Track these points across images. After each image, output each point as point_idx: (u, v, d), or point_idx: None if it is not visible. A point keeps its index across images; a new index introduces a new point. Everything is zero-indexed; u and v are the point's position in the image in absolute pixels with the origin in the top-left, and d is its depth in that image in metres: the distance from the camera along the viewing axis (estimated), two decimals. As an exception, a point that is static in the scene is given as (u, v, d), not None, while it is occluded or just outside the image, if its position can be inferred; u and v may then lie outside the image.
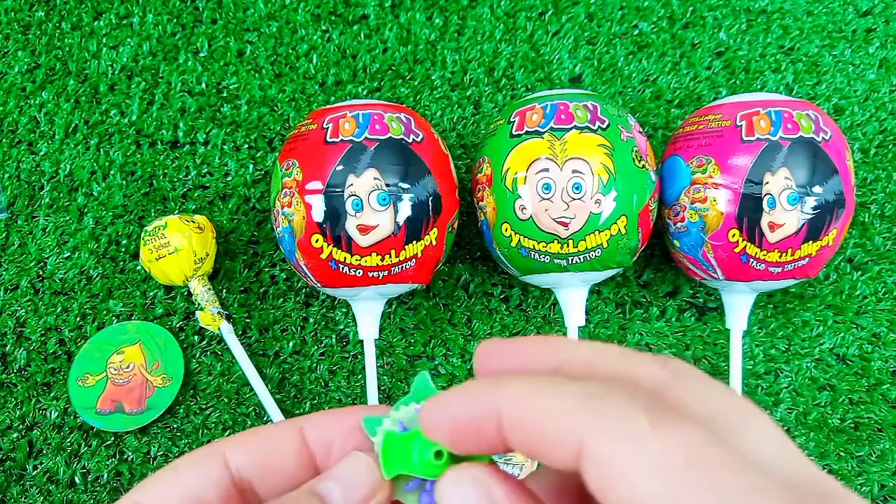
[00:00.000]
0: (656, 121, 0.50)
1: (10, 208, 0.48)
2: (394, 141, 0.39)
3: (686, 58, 0.51)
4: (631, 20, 0.52)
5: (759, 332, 0.46)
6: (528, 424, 0.13)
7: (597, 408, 0.13)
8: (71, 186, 0.49)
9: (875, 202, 0.48)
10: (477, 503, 0.14)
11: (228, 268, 0.47)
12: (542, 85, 0.51)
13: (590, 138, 0.38)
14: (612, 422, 0.12)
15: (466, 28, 0.52)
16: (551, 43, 0.52)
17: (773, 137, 0.38)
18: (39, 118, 0.50)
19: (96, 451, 0.43)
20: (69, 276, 0.47)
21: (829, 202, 0.38)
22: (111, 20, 0.52)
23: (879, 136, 0.50)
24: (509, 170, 0.39)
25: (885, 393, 0.44)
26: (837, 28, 0.52)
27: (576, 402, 0.13)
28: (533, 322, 0.47)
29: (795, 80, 0.51)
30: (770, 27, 0.52)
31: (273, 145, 0.50)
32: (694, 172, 0.40)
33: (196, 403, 0.44)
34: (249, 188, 0.49)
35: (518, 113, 0.40)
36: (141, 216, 0.48)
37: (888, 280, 0.47)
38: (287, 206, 0.39)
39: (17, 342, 0.45)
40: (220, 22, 0.52)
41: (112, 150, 0.49)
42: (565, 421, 0.13)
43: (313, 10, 0.53)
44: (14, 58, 0.52)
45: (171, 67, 0.51)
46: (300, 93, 0.51)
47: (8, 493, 0.42)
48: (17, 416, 0.44)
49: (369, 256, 0.38)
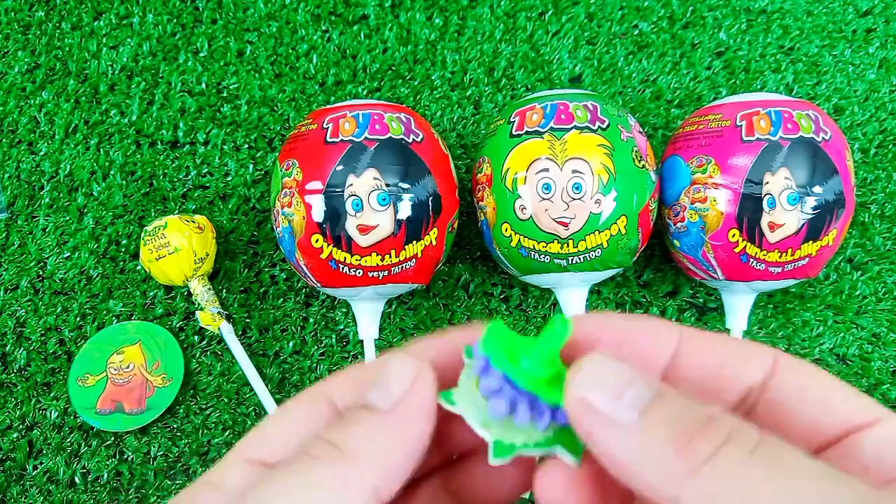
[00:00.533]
0: (656, 121, 0.50)
1: (10, 208, 0.48)
2: (394, 141, 0.39)
3: (686, 58, 0.51)
4: (631, 20, 0.52)
5: (759, 333, 0.46)
6: (714, 351, 0.15)
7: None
8: (71, 186, 0.49)
9: (875, 202, 0.48)
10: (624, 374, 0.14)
11: (228, 268, 0.47)
12: (542, 85, 0.51)
13: (590, 138, 0.38)
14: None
15: (466, 28, 0.52)
16: (551, 43, 0.52)
17: (773, 137, 0.38)
18: (39, 118, 0.50)
19: (96, 451, 0.43)
20: (69, 276, 0.47)
21: (829, 202, 0.38)
22: (111, 20, 0.52)
23: (879, 136, 0.50)
24: (509, 170, 0.39)
25: (886, 393, 0.44)
26: (837, 28, 0.52)
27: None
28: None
29: (795, 80, 0.51)
30: (770, 27, 0.52)
31: (273, 145, 0.50)
32: (694, 172, 0.40)
33: (196, 403, 0.44)
34: (249, 188, 0.49)
35: (518, 113, 0.40)
36: (141, 216, 0.48)
37: (888, 280, 0.46)
38: (287, 206, 0.39)
39: (17, 342, 0.45)
40: (220, 22, 0.52)
41: (112, 150, 0.49)
42: (755, 350, 0.15)
43: (313, 10, 0.53)
44: (14, 58, 0.52)
45: (171, 67, 0.51)
46: (300, 93, 0.51)
47: (8, 493, 0.42)
48: (17, 416, 0.44)
49: (369, 256, 0.38)
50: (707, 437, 0.12)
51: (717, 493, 0.12)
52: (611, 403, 0.14)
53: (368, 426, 0.15)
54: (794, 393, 0.15)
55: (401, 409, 0.15)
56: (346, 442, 0.14)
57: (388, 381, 0.15)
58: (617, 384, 0.14)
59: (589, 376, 0.14)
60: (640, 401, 0.14)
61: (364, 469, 0.14)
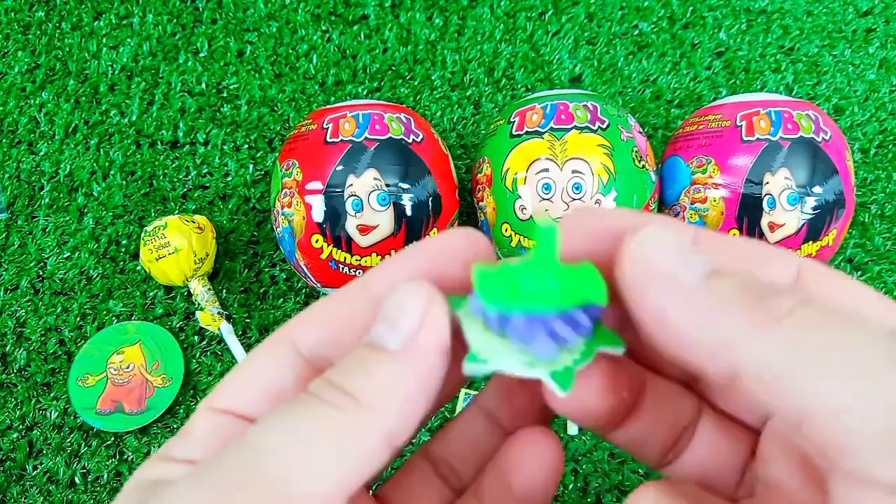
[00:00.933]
0: (656, 121, 0.50)
1: (10, 208, 0.48)
2: (394, 141, 0.39)
3: (686, 58, 0.51)
4: (631, 20, 0.52)
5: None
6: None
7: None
8: (71, 186, 0.49)
9: (875, 202, 0.48)
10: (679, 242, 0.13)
11: (228, 268, 0.47)
12: (542, 85, 0.51)
13: (590, 138, 0.38)
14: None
15: (466, 28, 0.52)
16: (551, 43, 0.52)
17: (773, 137, 0.38)
18: (39, 118, 0.50)
19: (96, 451, 0.43)
20: (69, 276, 0.47)
21: (829, 202, 0.38)
22: (111, 20, 0.52)
23: (879, 136, 0.50)
24: (509, 170, 0.39)
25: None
26: (837, 28, 0.52)
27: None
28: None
29: (795, 80, 0.51)
30: (770, 27, 0.52)
31: (273, 145, 0.50)
32: (694, 172, 0.40)
33: (196, 403, 0.44)
34: (249, 188, 0.49)
35: (518, 113, 0.40)
36: (141, 216, 0.48)
37: (888, 280, 0.46)
38: (287, 206, 0.39)
39: (17, 342, 0.45)
40: (220, 22, 0.52)
41: (112, 150, 0.49)
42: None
43: (313, 10, 0.53)
44: (14, 58, 0.52)
45: (171, 67, 0.51)
46: (300, 93, 0.51)
47: (8, 493, 0.42)
48: (17, 416, 0.44)
49: (369, 256, 0.38)
50: (782, 298, 0.12)
51: (791, 349, 0.11)
52: (676, 261, 0.13)
53: (380, 370, 0.13)
54: (821, 298, 0.13)
55: (414, 348, 0.14)
56: (358, 389, 0.13)
57: (397, 316, 0.14)
58: (681, 248, 0.13)
59: (651, 238, 0.13)
60: (704, 265, 0.13)
61: (379, 417, 0.13)
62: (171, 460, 0.14)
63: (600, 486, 0.42)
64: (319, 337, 0.15)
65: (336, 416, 0.13)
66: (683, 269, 0.13)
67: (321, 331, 0.15)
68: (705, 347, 0.12)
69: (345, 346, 0.15)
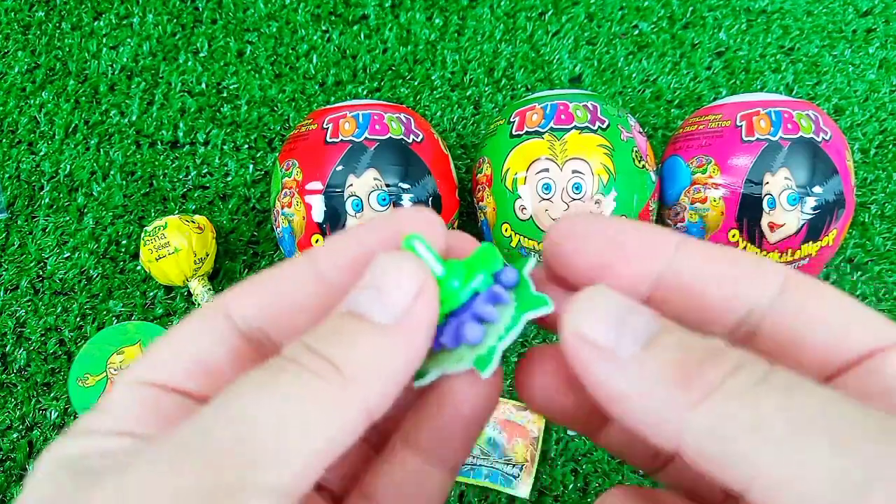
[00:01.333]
0: (656, 121, 0.50)
1: (10, 208, 0.48)
2: (394, 141, 0.39)
3: (686, 58, 0.51)
4: (631, 20, 0.52)
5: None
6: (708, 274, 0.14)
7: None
8: (71, 186, 0.49)
9: (875, 202, 0.48)
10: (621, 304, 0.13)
11: (228, 268, 0.47)
12: (542, 85, 0.51)
13: (590, 138, 0.38)
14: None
15: (466, 28, 0.52)
16: (551, 43, 0.52)
17: (773, 137, 0.38)
18: (39, 118, 0.50)
19: (96, 452, 0.43)
20: (69, 276, 0.47)
21: (829, 202, 0.38)
22: (111, 20, 0.52)
23: (879, 136, 0.50)
24: (509, 170, 0.39)
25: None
26: (837, 28, 0.52)
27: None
28: (531, 323, 0.47)
29: (795, 81, 0.51)
30: (770, 27, 0.52)
31: (273, 145, 0.50)
32: (694, 172, 0.40)
33: (196, 403, 0.44)
34: (249, 188, 0.49)
35: (518, 113, 0.40)
36: (141, 216, 0.48)
37: (888, 280, 0.46)
38: (287, 206, 0.39)
39: (17, 342, 0.45)
40: (220, 22, 0.52)
41: (112, 150, 0.49)
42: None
43: (313, 10, 0.53)
44: (14, 58, 0.52)
45: (171, 67, 0.51)
46: (300, 93, 0.51)
47: (8, 494, 0.42)
48: (17, 416, 0.44)
49: (369, 256, 0.38)
50: (714, 368, 0.12)
51: (723, 423, 0.11)
52: (610, 336, 0.13)
53: (365, 342, 0.13)
54: (805, 314, 0.13)
55: (406, 323, 0.13)
56: (341, 359, 0.13)
57: (388, 288, 0.13)
58: (616, 317, 0.13)
59: (586, 309, 0.13)
60: (641, 333, 0.13)
61: (362, 390, 0.12)
62: (95, 433, 0.13)
63: (600, 486, 0.42)
64: (258, 310, 0.14)
65: (320, 385, 0.12)
66: (618, 340, 0.13)
67: (261, 303, 0.15)
68: (647, 418, 0.12)
69: (285, 320, 0.14)
